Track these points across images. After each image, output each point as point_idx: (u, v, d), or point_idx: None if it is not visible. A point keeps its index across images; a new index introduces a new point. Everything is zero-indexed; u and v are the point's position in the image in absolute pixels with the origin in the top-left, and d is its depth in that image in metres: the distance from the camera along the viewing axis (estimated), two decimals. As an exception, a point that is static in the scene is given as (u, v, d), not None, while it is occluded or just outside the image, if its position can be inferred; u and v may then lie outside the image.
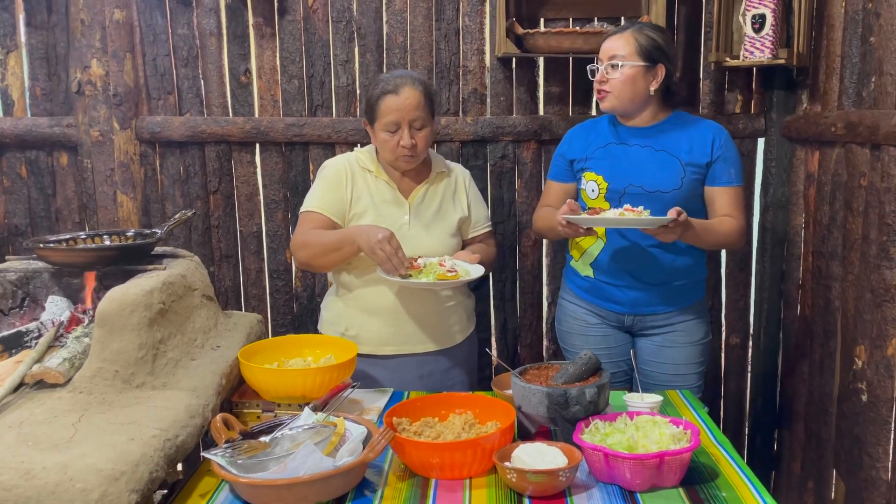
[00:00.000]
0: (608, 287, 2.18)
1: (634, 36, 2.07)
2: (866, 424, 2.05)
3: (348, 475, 1.42)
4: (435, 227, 2.15)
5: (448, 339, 2.20)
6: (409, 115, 2.02)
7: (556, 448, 1.48)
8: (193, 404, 1.56)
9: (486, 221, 2.30)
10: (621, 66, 2.05)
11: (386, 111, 2.02)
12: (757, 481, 1.48)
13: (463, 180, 2.26)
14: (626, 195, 2.10)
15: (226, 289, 2.82)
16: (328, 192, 2.12)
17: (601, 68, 2.10)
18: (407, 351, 2.15)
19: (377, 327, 2.14)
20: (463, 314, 2.24)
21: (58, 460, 1.27)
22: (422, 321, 2.14)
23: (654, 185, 2.09)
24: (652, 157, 2.12)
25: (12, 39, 2.70)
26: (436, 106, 2.15)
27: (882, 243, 1.97)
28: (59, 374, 1.52)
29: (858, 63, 2.17)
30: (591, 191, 2.16)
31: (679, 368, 2.20)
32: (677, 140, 2.12)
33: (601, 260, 2.17)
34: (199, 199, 2.76)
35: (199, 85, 2.73)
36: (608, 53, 2.08)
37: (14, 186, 2.77)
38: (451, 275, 1.97)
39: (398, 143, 2.04)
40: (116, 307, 1.57)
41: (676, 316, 2.19)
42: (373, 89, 2.09)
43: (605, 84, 2.09)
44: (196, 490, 1.50)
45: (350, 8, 2.67)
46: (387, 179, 2.14)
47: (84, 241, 2.04)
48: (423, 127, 2.05)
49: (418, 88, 2.04)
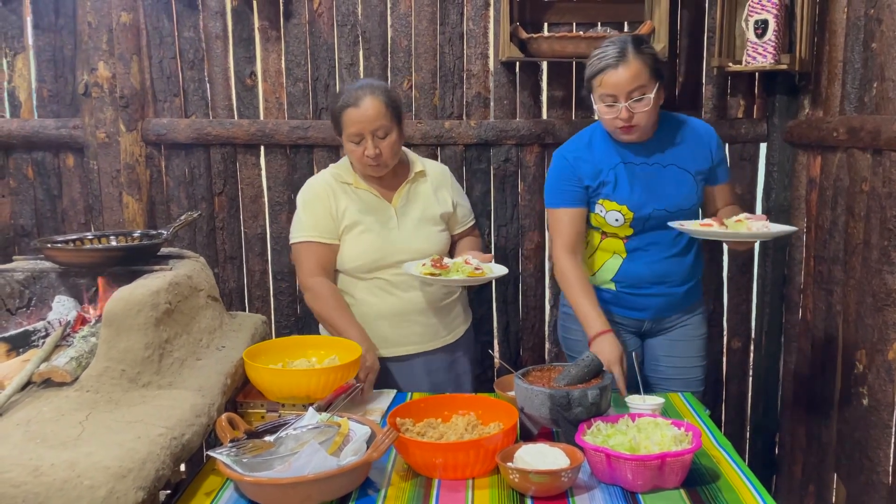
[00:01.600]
0: (633, 297, 2.17)
1: (641, 59, 1.94)
2: (867, 428, 2.06)
3: (352, 475, 1.44)
4: (423, 226, 2.20)
5: (451, 334, 2.26)
6: (371, 126, 2.05)
7: (558, 449, 1.50)
8: (199, 404, 1.57)
9: (470, 215, 2.38)
10: (649, 96, 1.94)
11: (348, 123, 2.07)
12: (758, 483, 1.49)
13: (444, 178, 2.30)
14: (650, 219, 2.09)
15: (230, 290, 2.84)
16: (314, 216, 2.16)
17: (623, 106, 1.95)
18: (412, 351, 2.20)
19: (381, 331, 2.17)
20: (461, 311, 2.32)
21: (65, 457, 1.28)
22: (424, 321, 2.19)
23: (676, 204, 2.09)
24: (665, 176, 2.08)
25: (20, 41, 2.72)
26: (402, 110, 2.16)
27: (883, 248, 1.98)
28: (67, 373, 1.54)
29: (860, 69, 2.18)
30: (614, 220, 2.09)
31: (688, 362, 2.23)
32: (679, 150, 2.11)
33: (624, 274, 2.15)
34: (204, 200, 2.78)
35: (204, 87, 2.75)
36: (628, 87, 1.93)
37: (20, 187, 2.79)
38: (478, 272, 2.05)
39: (363, 152, 2.08)
40: (123, 307, 1.58)
41: (685, 314, 2.23)
42: (334, 103, 2.13)
43: (632, 118, 1.96)
44: (201, 489, 1.51)
45: (355, 12, 2.69)
46: (367, 188, 2.18)
47: (91, 241, 2.05)
48: (386, 135, 2.08)
49: (379, 97, 2.07)
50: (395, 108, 2.12)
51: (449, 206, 2.26)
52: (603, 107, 1.99)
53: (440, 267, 2.03)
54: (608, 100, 1.97)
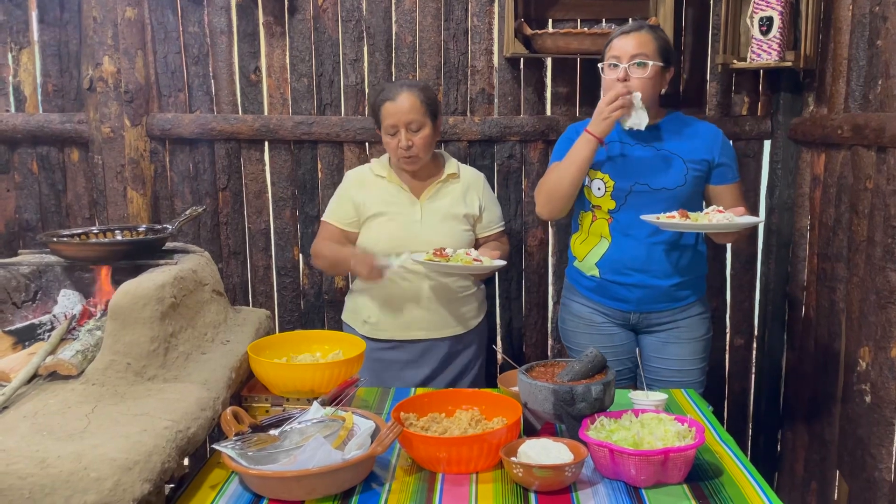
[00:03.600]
0: (615, 286, 2.20)
1: (652, 36, 2.08)
2: (870, 426, 2.06)
3: (357, 468, 1.44)
4: (446, 224, 2.28)
5: (462, 324, 2.36)
6: (406, 118, 2.19)
7: (561, 444, 1.50)
8: (204, 397, 1.58)
9: (499, 221, 2.42)
10: (651, 64, 2.06)
11: (385, 116, 2.22)
12: (760, 478, 1.50)
13: (475, 183, 2.38)
14: (632, 193, 2.13)
15: (234, 285, 2.84)
16: (339, 203, 2.35)
17: (624, 66, 2.07)
18: (423, 336, 2.32)
19: (396, 315, 2.30)
20: (475, 303, 2.39)
21: (72, 450, 1.29)
22: (437, 309, 2.29)
23: (660, 182, 2.12)
24: (655, 156, 2.14)
25: (25, 36, 2.73)
26: (438, 109, 2.29)
27: (887, 245, 1.98)
28: (73, 366, 1.54)
29: (865, 66, 2.18)
30: (596, 189, 2.17)
31: (683, 364, 2.23)
32: (677, 139, 2.16)
33: (607, 259, 2.19)
34: (209, 195, 2.79)
35: (209, 83, 2.75)
36: (631, 51, 2.06)
37: (25, 182, 2.79)
38: (476, 263, 2.13)
39: (397, 144, 2.21)
40: (129, 300, 1.59)
41: (680, 313, 2.22)
42: (375, 97, 2.30)
43: (630, 82, 2.06)
44: (206, 482, 1.52)
45: (360, 7, 2.69)
46: (399, 182, 2.31)
47: (96, 235, 2.06)
48: (419, 129, 2.21)
49: (415, 94, 2.22)
50: (431, 106, 2.25)
51: (475, 209, 2.34)
52: (607, 69, 2.12)
53: (440, 255, 2.13)
54: (612, 60, 2.10)
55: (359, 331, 2.34)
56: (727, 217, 1.97)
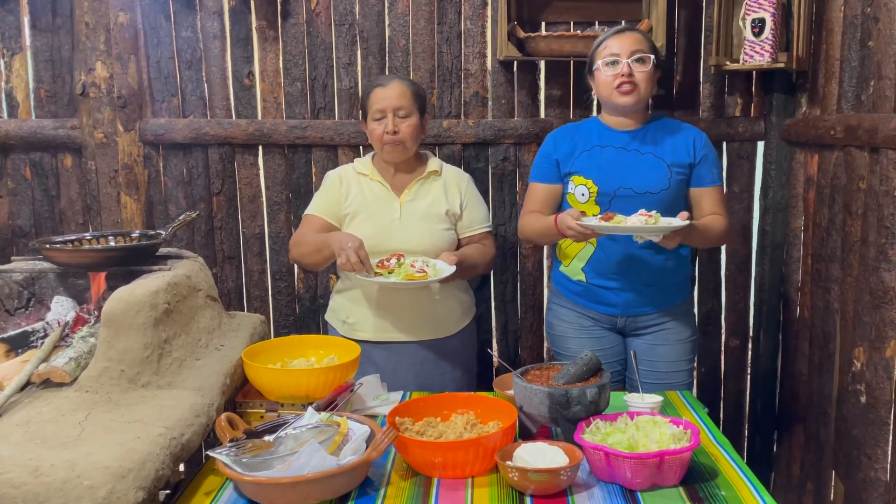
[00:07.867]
0: (601, 290, 2.20)
1: (643, 36, 2.12)
2: (865, 426, 2.06)
3: (352, 474, 1.44)
4: (426, 222, 2.26)
5: (440, 329, 2.29)
6: (394, 104, 2.19)
7: (557, 447, 1.50)
8: (198, 403, 1.57)
9: (482, 222, 2.35)
10: (651, 58, 2.08)
11: (374, 101, 2.22)
12: (756, 480, 1.50)
13: (458, 180, 2.35)
14: (616, 198, 2.13)
15: (228, 290, 2.84)
16: (323, 197, 2.33)
17: (626, 61, 2.07)
18: (399, 338, 2.27)
19: (374, 316, 2.27)
20: (456, 307, 2.33)
21: (65, 458, 1.28)
22: (413, 312, 2.26)
23: (644, 186, 2.12)
24: (638, 160, 2.15)
25: (17, 42, 2.72)
26: (426, 104, 2.30)
27: (881, 246, 1.98)
28: (66, 374, 1.54)
29: (857, 67, 2.18)
30: (580, 195, 2.17)
31: (671, 366, 2.23)
32: (660, 142, 2.17)
33: (593, 264, 2.20)
34: (203, 200, 2.78)
35: (202, 87, 2.75)
36: (631, 48, 2.08)
37: (18, 188, 2.78)
38: (419, 275, 2.07)
39: (384, 130, 2.20)
40: (123, 307, 1.58)
41: (665, 315, 2.23)
42: (366, 86, 2.33)
43: (633, 77, 2.08)
44: (201, 488, 1.51)
45: (353, 11, 2.69)
46: (380, 180, 2.30)
47: (90, 242, 2.05)
48: (407, 116, 2.21)
49: (405, 83, 2.25)
50: (420, 99, 2.27)
51: (456, 207, 2.30)
52: (604, 67, 2.10)
53: (382, 267, 2.10)
54: (610, 58, 2.09)
55: (339, 330, 2.32)
56: (640, 219, 1.95)
